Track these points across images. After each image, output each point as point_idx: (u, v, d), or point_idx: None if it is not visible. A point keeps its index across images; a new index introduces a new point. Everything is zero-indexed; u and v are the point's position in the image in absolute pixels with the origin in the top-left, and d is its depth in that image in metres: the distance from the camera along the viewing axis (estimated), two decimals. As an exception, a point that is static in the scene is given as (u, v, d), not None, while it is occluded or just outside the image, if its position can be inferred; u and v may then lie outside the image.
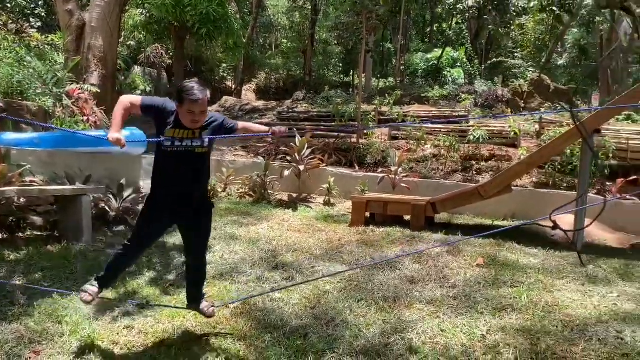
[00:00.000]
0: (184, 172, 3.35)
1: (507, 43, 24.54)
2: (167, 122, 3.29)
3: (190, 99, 3.14)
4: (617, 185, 8.47)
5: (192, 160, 3.35)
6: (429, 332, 3.75)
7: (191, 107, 3.16)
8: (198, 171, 3.44)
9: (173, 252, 5.63)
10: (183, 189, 3.38)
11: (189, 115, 3.19)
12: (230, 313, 4.09)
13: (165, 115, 3.31)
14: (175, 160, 3.31)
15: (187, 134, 3.29)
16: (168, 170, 3.36)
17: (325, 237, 6.49)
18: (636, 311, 4.14)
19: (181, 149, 3.29)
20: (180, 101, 3.19)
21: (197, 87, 3.18)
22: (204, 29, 12.49)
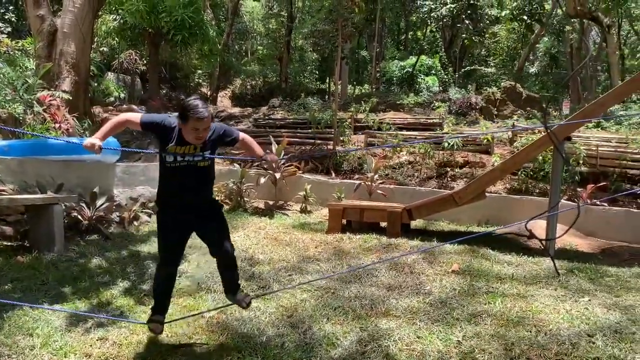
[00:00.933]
0: (189, 185, 3.46)
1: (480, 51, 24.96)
2: (169, 139, 3.34)
3: (196, 117, 3.19)
4: (587, 191, 8.66)
5: (195, 173, 3.45)
6: (405, 339, 3.77)
7: (196, 124, 3.22)
8: (202, 182, 3.55)
9: (147, 261, 5.55)
10: (189, 200, 3.51)
11: (193, 132, 3.25)
12: (206, 323, 4.05)
13: (166, 131, 3.35)
14: (179, 175, 3.41)
15: (190, 149, 3.35)
16: (173, 184, 3.46)
17: (302, 244, 6.49)
18: (607, 315, 4.23)
19: (184, 164, 3.37)
20: (184, 119, 3.24)
21: (201, 104, 3.24)
22: (179, 35, 12.40)
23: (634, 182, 9.10)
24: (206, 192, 3.64)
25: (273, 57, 26.14)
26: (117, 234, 6.71)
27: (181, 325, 3.96)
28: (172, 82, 24.39)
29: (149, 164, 9.64)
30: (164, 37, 13.23)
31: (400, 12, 24.51)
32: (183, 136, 3.32)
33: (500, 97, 14.53)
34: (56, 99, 9.07)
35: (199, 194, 3.55)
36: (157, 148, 3.47)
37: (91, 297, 4.45)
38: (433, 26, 24.00)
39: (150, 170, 9.23)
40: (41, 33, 11.51)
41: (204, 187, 3.60)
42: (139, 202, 7.73)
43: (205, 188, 3.61)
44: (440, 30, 24.05)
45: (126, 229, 6.92)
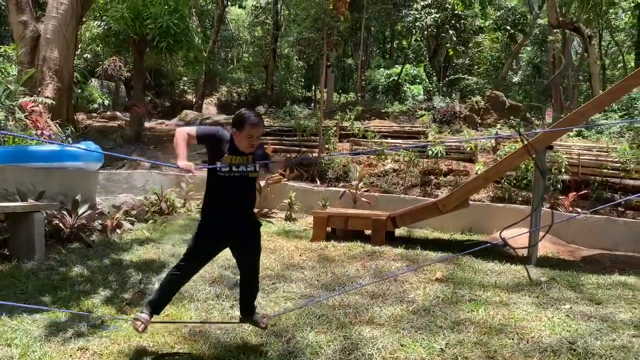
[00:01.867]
0: (239, 194, 3.58)
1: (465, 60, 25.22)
2: (223, 150, 3.47)
3: (251, 123, 3.36)
4: (569, 199, 8.77)
5: (245, 183, 3.60)
6: (389, 347, 3.77)
7: (251, 132, 3.38)
8: (250, 193, 3.70)
9: (130, 270, 5.49)
10: (237, 210, 3.62)
11: (247, 139, 3.41)
12: (189, 332, 4.01)
13: (220, 142, 3.49)
14: (231, 185, 3.53)
15: (242, 160, 3.50)
16: (224, 193, 3.56)
17: (286, 253, 6.47)
18: (587, 322, 4.28)
19: (237, 174, 3.50)
20: (240, 127, 3.39)
21: (254, 113, 3.48)
22: (164, 42, 12.32)
23: (614, 190, 9.23)
24: (251, 203, 3.76)
25: (259, 64, 26.19)
26: (99, 242, 6.63)
27: (163, 334, 3.91)
28: (157, 89, 24.30)
29: (132, 172, 9.57)
30: (149, 44, 13.14)
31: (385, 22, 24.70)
32: (236, 146, 3.46)
33: (484, 106, 14.68)
34: (38, 106, 8.98)
35: (245, 204, 3.69)
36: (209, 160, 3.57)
37: (72, 306, 4.38)
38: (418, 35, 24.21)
39: (133, 178, 9.16)
40: (24, 39, 11.42)
41: (251, 198, 3.74)
42: (121, 209, 7.66)
43: (252, 199, 3.75)
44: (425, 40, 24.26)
45: (108, 237, 6.84)
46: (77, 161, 7.62)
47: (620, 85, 6.70)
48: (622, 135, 11.85)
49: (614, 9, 21.98)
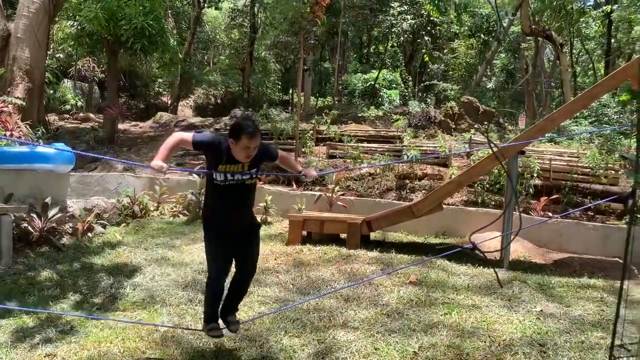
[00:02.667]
0: (236, 202, 3.62)
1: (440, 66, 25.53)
2: (220, 158, 3.46)
3: (248, 134, 3.33)
4: (540, 204, 8.92)
5: (242, 191, 3.62)
6: (362, 350, 3.78)
7: (248, 142, 3.35)
8: (248, 200, 3.73)
9: (101, 274, 5.40)
10: (236, 216, 3.66)
11: (244, 150, 3.39)
12: (161, 337, 3.96)
13: (218, 151, 3.47)
14: (228, 193, 3.55)
15: (238, 168, 3.50)
16: (222, 201, 3.59)
17: (262, 256, 6.38)
18: (557, 325, 4.36)
19: (233, 182, 3.52)
20: (236, 137, 3.36)
21: (251, 123, 3.44)
22: (139, 43, 12.14)
23: (584, 194, 9.41)
24: (250, 208, 3.81)
25: (235, 67, 26.05)
26: (69, 245, 6.51)
27: (134, 339, 3.86)
28: (132, 91, 23.97)
29: (105, 174, 9.41)
30: (123, 45, 12.94)
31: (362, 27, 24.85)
32: (233, 155, 3.44)
33: (458, 112, 14.85)
34: (8, 106, 8.78)
35: (245, 211, 3.74)
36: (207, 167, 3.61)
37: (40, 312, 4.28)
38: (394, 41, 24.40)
39: (105, 181, 9.01)
40: (-7, 38, 11.16)
41: (250, 204, 3.77)
42: (93, 212, 7.52)
43: (250, 205, 3.79)
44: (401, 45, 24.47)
45: (79, 241, 6.72)
46: (47, 163, 7.47)
47: (589, 93, 6.86)
48: (592, 141, 12.12)
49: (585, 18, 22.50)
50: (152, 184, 9.31)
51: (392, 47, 26.89)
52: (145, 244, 6.71)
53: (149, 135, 15.69)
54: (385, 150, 11.97)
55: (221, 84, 26.48)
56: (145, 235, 7.23)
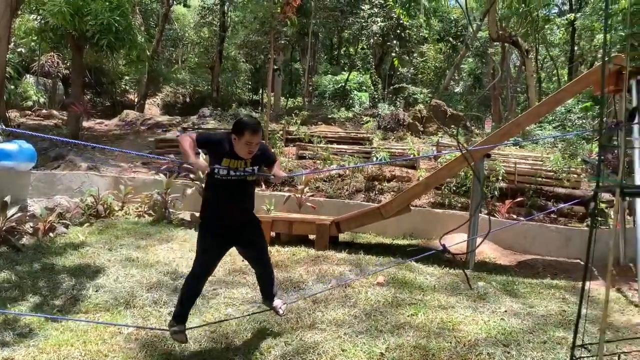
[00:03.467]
0: (237, 197, 3.73)
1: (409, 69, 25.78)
2: (223, 154, 3.59)
3: (250, 131, 3.49)
4: (505, 206, 9.08)
5: (243, 187, 3.75)
6: (329, 352, 3.76)
7: (250, 138, 3.50)
8: (248, 195, 3.85)
9: (62, 275, 5.25)
10: (236, 212, 3.77)
11: (246, 146, 3.53)
12: (124, 340, 3.87)
13: (220, 147, 3.61)
14: (230, 188, 3.67)
15: (240, 164, 3.63)
16: (222, 196, 3.70)
17: (229, 257, 6.31)
18: (521, 325, 4.43)
19: (234, 178, 3.64)
20: (239, 133, 3.51)
21: (254, 120, 3.64)
22: (105, 39, 11.87)
23: (547, 197, 9.63)
24: (250, 205, 3.89)
25: (204, 65, 25.79)
26: (30, 246, 6.30)
27: (96, 342, 3.76)
28: (97, 88, 23.46)
29: (68, 173, 9.17)
30: (89, 41, 12.63)
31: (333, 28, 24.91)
32: (235, 151, 3.58)
33: (427, 115, 15.04)
34: (-35, 101, 8.46)
35: (244, 207, 3.84)
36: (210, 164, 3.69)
37: (-4, 314, 4.13)
38: (364, 43, 24.55)
39: (69, 179, 8.78)
40: (-49, 30, 10.75)
41: (250, 200, 3.87)
42: (55, 212, 7.31)
43: (250, 201, 3.88)
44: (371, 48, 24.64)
45: (40, 241, 6.51)
46: (7, 160, 7.23)
47: (553, 98, 7.02)
48: (556, 145, 12.42)
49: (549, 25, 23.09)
50: (117, 183, 9.11)
51: (362, 49, 27.05)
52: (109, 244, 6.55)
53: (114, 133, 15.38)
54: (355, 152, 12.01)
55: (189, 83, 26.16)
56: (110, 235, 7.06)
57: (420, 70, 26.50)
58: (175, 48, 27.83)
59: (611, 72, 5.94)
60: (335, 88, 21.83)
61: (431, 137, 13.67)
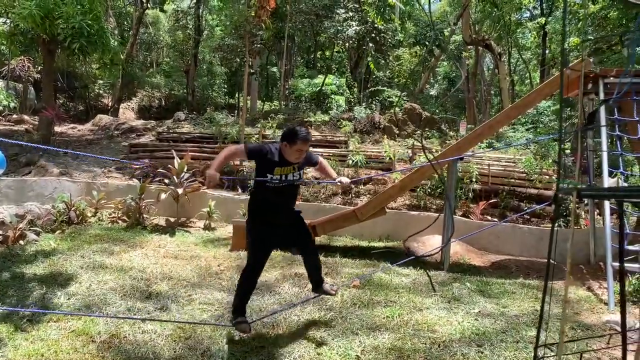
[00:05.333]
0: (285, 201, 4.10)
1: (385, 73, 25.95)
2: (273, 162, 3.88)
3: (303, 139, 3.81)
4: (479, 207, 9.21)
5: (292, 191, 4.12)
6: (306, 356, 3.77)
7: (301, 146, 3.84)
8: (295, 198, 4.25)
9: (32, 284, 5.14)
10: (284, 213, 4.10)
11: (296, 152, 3.86)
12: (97, 348, 3.81)
13: (269, 157, 3.89)
14: (280, 193, 3.98)
15: (289, 170, 3.94)
16: (273, 201, 4.01)
17: (204, 262, 6.32)
18: (494, 325, 4.50)
19: (284, 183, 3.95)
20: (291, 141, 3.82)
21: (305, 129, 3.93)
22: (77, 43, 11.68)
23: (520, 198, 9.79)
24: (295, 205, 4.26)
25: (179, 69, 25.57)
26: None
27: (68, 351, 3.69)
28: (70, 92, 23.06)
29: (39, 179, 9.00)
30: (61, 45, 12.41)
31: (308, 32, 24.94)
32: (285, 157, 3.89)
33: (402, 118, 15.14)
34: None
35: (291, 208, 4.19)
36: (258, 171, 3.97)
37: (-36, 324, 4.03)
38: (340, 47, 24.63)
39: (40, 185, 8.62)
40: None
41: (295, 200, 4.27)
42: (26, 219, 7.16)
43: (295, 203, 4.26)
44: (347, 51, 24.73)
45: (10, 249, 6.37)
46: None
47: (524, 101, 7.15)
48: (528, 147, 12.64)
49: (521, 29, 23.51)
50: (90, 189, 8.98)
51: (337, 52, 27.14)
52: (81, 251, 6.44)
53: (87, 138, 15.13)
54: (332, 155, 12.03)
55: (164, 87, 25.89)
56: (82, 242, 6.95)
57: (396, 74, 26.70)
58: (150, 52, 27.53)
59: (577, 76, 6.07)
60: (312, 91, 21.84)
61: (407, 139, 13.77)
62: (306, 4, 20.72)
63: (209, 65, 25.76)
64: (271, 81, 29.20)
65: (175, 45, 25.55)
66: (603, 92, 6.49)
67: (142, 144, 13.73)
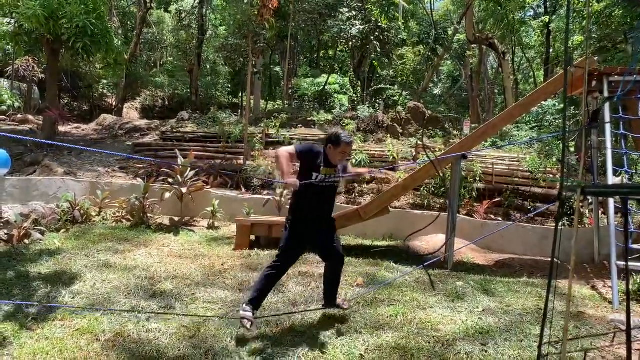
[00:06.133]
0: (326, 200, 4.35)
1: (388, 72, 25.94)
2: (318, 163, 4.16)
3: (347, 142, 4.16)
4: (483, 206, 9.19)
5: (332, 191, 4.37)
6: (309, 354, 3.77)
7: (345, 148, 4.17)
8: (333, 201, 4.47)
9: (37, 282, 5.16)
10: (323, 212, 4.35)
11: (340, 155, 4.17)
12: (101, 346, 3.82)
13: (317, 157, 4.17)
14: (322, 193, 4.25)
15: (332, 171, 4.23)
16: (315, 200, 4.23)
17: (208, 262, 6.33)
18: (498, 324, 4.49)
19: (327, 184, 4.22)
20: (336, 144, 4.13)
21: (349, 134, 4.25)
22: (81, 43, 11.72)
23: (524, 197, 9.77)
24: (332, 210, 4.48)
25: (183, 69, 25.60)
26: (3, 253, 6.18)
27: (72, 349, 3.70)
28: (74, 92, 23.13)
29: (43, 178, 9.03)
30: (65, 45, 12.46)
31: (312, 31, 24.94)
32: (329, 159, 4.19)
33: (405, 117, 15.13)
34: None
35: (330, 208, 4.44)
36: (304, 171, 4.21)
37: (-31, 323, 4.04)
38: (343, 46, 24.61)
39: (45, 185, 8.65)
40: None
41: (333, 206, 4.48)
42: (31, 218, 7.19)
43: (333, 207, 4.48)
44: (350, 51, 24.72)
45: (15, 248, 6.40)
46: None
47: (528, 99, 7.13)
48: (532, 146, 12.60)
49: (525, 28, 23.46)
50: (94, 189, 9.00)
51: (341, 52, 27.11)
52: (86, 250, 6.47)
53: (91, 138, 15.18)
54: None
55: (168, 86, 25.94)
56: (87, 241, 6.97)
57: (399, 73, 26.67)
58: (154, 51, 27.57)
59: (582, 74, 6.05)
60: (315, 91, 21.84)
61: (410, 138, 13.76)
62: (309, 3, 20.71)
63: (212, 64, 25.79)
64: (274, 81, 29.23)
65: (178, 45, 25.58)
66: (607, 90, 6.47)
67: (146, 143, 13.77)
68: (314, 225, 4.24)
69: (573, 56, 21.33)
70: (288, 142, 12.92)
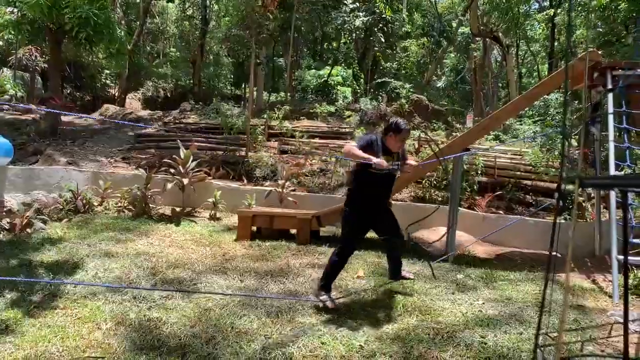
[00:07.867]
0: (385, 186, 4.63)
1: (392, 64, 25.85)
2: (378, 151, 4.39)
3: (406, 130, 4.47)
4: (485, 200, 9.19)
5: (391, 178, 4.62)
6: (309, 345, 3.78)
7: (404, 136, 4.49)
8: (391, 187, 4.72)
9: (40, 271, 5.19)
10: (383, 198, 4.65)
11: (399, 142, 4.49)
12: (103, 335, 3.85)
13: (376, 148, 4.41)
14: (382, 179, 4.50)
15: (391, 159, 4.44)
16: (375, 186, 4.51)
17: (209, 252, 6.35)
18: (498, 317, 4.50)
19: (385, 172, 4.41)
20: (396, 132, 4.43)
21: (406, 122, 4.54)
22: (83, 33, 11.70)
23: (526, 191, 9.76)
24: (390, 197, 4.81)
25: (186, 60, 25.57)
26: (6, 242, 6.22)
27: (74, 338, 3.73)
28: (77, 82, 23.13)
29: (46, 168, 9.05)
30: (67, 34, 12.45)
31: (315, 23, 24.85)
32: (388, 147, 4.47)
33: (409, 109, 15.11)
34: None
35: (388, 194, 4.74)
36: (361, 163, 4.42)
37: (-28, 310, 4.07)
38: (347, 38, 24.52)
39: (47, 174, 8.67)
40: None
41: (390, 192, 4.79)
42: (33, 207, 7.22)
43: (390, 193, 4.81)
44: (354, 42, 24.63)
45: (17, 237, 6.43)
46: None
47: (531, 93, 7.11)
48: (535, 139, 12.58)
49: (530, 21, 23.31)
50: (96, 178, 9.02)
51: (344, 44, 27.02)
52: (88, 239, 6.49)
53: (94, 128, 15.19)
54: (337, 147, 12.04)
55: (171, 77, 25.91)
56: (89, 230, 7.00)
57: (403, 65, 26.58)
58: (157, 42, 27.53)
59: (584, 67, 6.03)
60: (318, 83, 21.79)
61: (413, 131, 13.75)
62: (313, -5, 20.64)
63: (215, 56, 25.73)
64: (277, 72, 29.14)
65: (182, 36, 25.54)
66: (611, 84, 6.44)
67: (149, 134, 13.78)
68: (375, 210, 4.53)
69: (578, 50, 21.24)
70: (290, 134, 12.91)
